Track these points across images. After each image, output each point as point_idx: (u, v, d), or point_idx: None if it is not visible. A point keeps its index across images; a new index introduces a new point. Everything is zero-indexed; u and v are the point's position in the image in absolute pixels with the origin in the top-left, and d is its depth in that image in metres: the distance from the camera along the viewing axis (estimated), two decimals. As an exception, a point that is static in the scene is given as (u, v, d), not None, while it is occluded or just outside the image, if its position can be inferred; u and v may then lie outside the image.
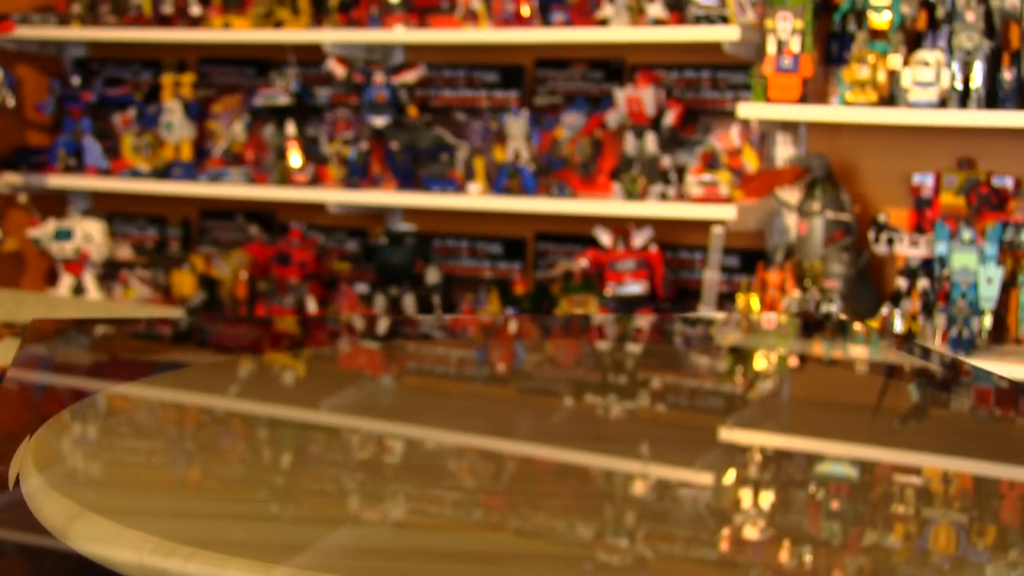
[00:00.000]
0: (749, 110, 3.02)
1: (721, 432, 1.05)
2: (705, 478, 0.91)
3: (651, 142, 3.21)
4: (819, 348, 1.48)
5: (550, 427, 1.05)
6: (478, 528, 0.79)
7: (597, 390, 1.20)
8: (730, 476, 0.92)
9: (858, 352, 1.46)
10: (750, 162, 3.14)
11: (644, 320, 1.49)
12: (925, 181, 3.03)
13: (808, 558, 0.75)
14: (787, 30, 2.97)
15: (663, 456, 0.95)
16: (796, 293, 2.92)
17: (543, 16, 3.32)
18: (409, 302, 3.46)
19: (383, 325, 1.59)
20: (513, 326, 1.52)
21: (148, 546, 0.70)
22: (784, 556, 0.75)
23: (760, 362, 1.36)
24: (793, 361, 1.41)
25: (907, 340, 2.36)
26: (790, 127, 3.16)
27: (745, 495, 0.87)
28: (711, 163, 3.17)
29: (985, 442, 1.03)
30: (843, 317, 2.66)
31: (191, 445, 1.00)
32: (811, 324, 1.73)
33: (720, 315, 2.89)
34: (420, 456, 0.95)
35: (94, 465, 0.93)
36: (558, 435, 1.02)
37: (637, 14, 3.18)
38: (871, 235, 2.96)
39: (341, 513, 0.81)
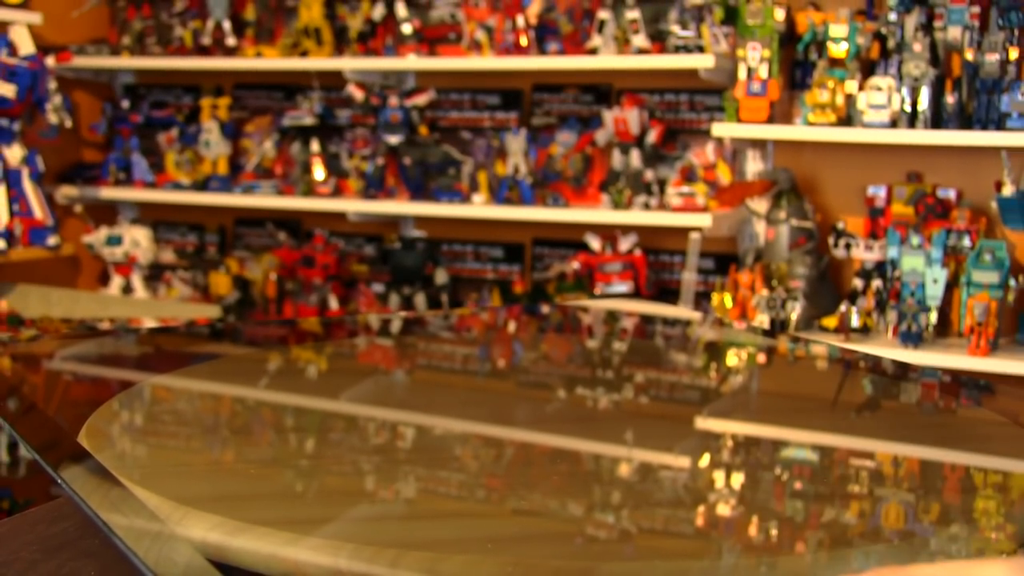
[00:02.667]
0: (723, 129, 3.02)
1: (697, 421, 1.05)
2: (683, 461, 0.90)
3: (635, 158, 3.21)
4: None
5: (545, 416, 1.05)
6: (480, 505, 0.79)
7: (587, 383, 1.20)
8: (705, 459, 0.91)
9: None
10: (724, 175, 3.14)
11: (629, 320, 1.49)
12: (878, 193, 3.03)
13: (774, 532, 0.74)
14: (756, 58, 2.96)
15: (646, 441, 0.95)
16: (764, 292, 2.92)
17: (539, 46, 3.31)
18: (420, 300, 3.46)
19: (397, 323, 1.58)
20: (512, 325, 1.52)
21: (181, 516, 0.70)
22: (753, 530, 0.74)
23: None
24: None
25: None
26: (759, 144, 3.16)
27: (718, 476, 0.87)
28: (689, 176, 3.17)
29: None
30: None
31: (225, 430, 0.99)
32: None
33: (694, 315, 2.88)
34: (429, 441, 0.95)
35: (140, 447, 0.92)
36: (552, 423, 1.02)
37: (623, 44, 3.17)
38: (831, 240, 2.96)
39: (359, 491, 0.81)
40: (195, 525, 0.70)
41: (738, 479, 0.86)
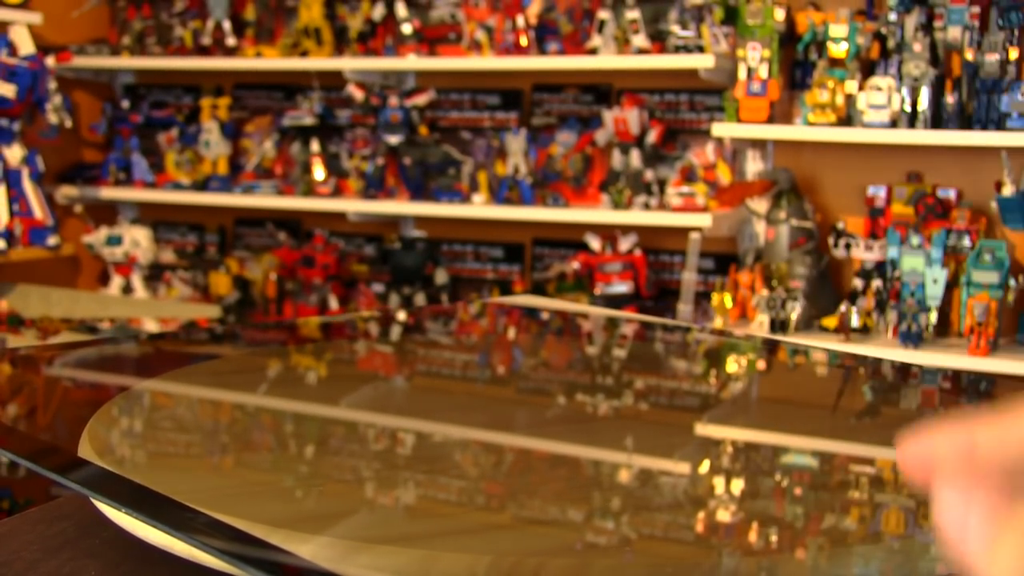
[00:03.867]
0: (723, 129, 3.02)
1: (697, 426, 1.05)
2: (683, 467, 0.90)
3: (635, 158, 3.21)
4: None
5: (544, 421, 1.05)
6: (480, 511, 0.79)
7: (586, 388, 1.20)
8: (705, 465, 0.91)
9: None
10: (724, 176, 3.14)
11: (628, 325, 1.49)
12: (878, 192, 3.03)
13: (774, 538, 0.75)
14: (756, 58, 2.97)
15: (645, 447, 0.95)
16: (764, 292, 2.92)
17: (539, 46, 3.31)
18: (420, 301, 3.46)
19: (396, 325, 1.58)
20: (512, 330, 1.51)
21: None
22: (753, 536, 0.74)
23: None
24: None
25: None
26: (759, 144, 3.16)
27: (718, 482, 0.87)
28: (689, 176, 3.17)
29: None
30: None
31: (225, 431, 1.00)
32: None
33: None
34: (428, 447, 0.95)
35: (140, 451, 0.92)
36: (551, 428, 1.02)
37: (623, 44, 3.17)
38: (831, 240, 2.96)
39: (358, 496, 0.81)
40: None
41: (738, 484, 0.86)
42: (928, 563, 0.68)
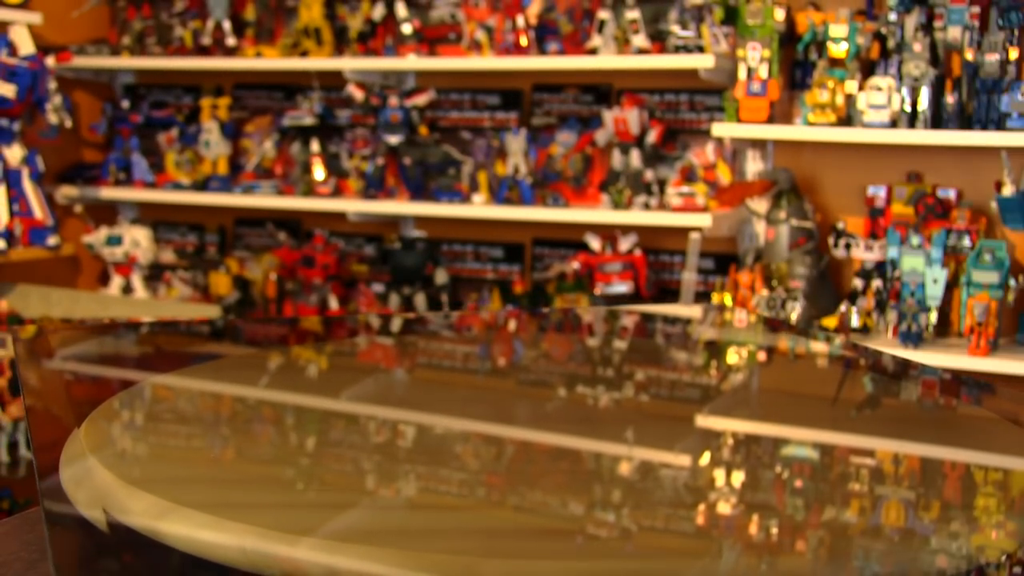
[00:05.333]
0: (723, 129, 3.02)
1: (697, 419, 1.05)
2: (683, 459, 0.91)
3: (635, 158, 3.21)
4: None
5: (545, 414, 1.05)
6: (481, 504, 0.79)
7: (587, 381, 1.20)
8: (705, 458, 0.91)
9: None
10: (724, 176, 3.14)
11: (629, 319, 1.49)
12: (878, 192, 3.03)
13: (774, 530, 0.75)
14: (756, 58, 2.97)
15: (646, 439, 0.95)
16: (764, 292, 2.92)
17: (539, 46, 3.32)
18: (420, 301, 3.46)
19: (397, 323, 1.58)
20: (512, 323, 1.52)
21: (188, 517, 0.70)
22: (753, 528, 0.75)
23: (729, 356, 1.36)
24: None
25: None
26: (759, 144, 3.16)
27: (718, 475, 0.87)
28: (689, 176, 3.17)
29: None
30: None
31: (226, 429, 0.99)
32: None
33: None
34: (430, 440, 0.95)
35: (140, 446, 0.92)
36: (552, 421, 1.02)
37: (623, 44, 3.17)
38: (831, 240, 2.96)
39: (360, 490, 0.81)
40: (184, 523, 0.70)
41: (738, 477, 0.86)
42: (928, 556, 0.68)
